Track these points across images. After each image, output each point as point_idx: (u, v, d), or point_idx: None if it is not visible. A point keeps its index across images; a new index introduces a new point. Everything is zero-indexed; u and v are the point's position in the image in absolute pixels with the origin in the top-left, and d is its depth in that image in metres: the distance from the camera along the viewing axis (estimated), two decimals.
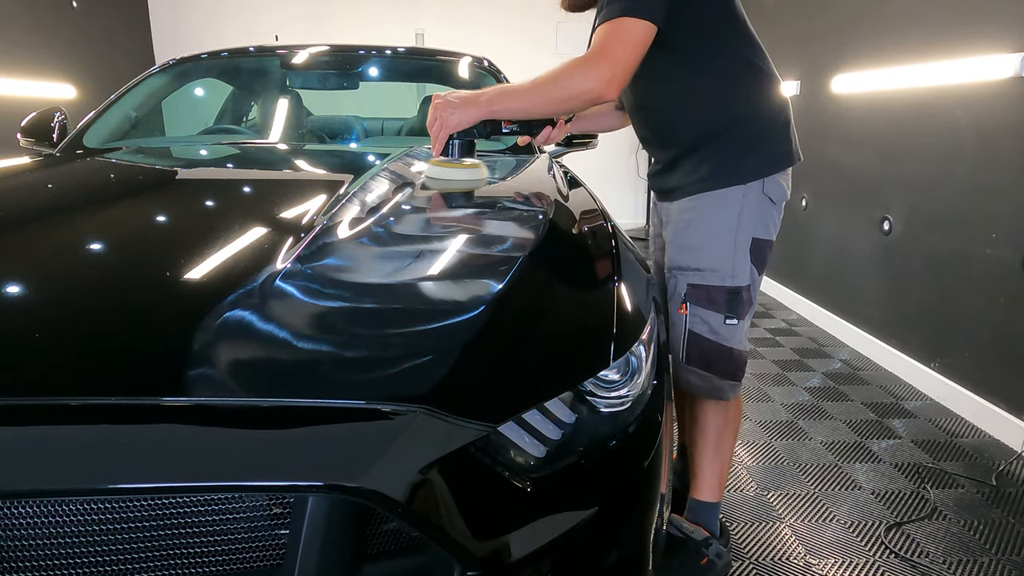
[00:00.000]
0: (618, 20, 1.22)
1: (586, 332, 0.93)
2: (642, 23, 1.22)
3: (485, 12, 5.71)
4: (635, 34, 1.22)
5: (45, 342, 0.78)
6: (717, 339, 1.43)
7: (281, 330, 0.82)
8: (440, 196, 1.39)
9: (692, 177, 1.41)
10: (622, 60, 1.22)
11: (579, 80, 1.23)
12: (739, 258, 1.40)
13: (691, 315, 1.43)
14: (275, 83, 2.41)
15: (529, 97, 1.30)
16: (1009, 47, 2.21)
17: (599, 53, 1.22)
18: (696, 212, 1.41)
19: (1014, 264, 2.18)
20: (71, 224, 1.15)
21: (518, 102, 1.32)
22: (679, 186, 1.44)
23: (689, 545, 1.53)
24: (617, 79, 1.22)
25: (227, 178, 1.58)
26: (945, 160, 2.54)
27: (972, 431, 2.30)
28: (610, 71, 1.21)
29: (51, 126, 2.09)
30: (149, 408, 0.71)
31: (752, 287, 1.43)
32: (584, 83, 1.22)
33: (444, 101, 1.33)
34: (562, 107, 1.34)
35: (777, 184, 1.41)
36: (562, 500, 0.82)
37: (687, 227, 1.43)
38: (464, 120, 1.32)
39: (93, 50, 4.68)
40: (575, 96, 1.26)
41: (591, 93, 1.23)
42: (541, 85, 1.28)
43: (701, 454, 1.56)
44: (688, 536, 1.54)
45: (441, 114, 1.32)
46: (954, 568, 1.59)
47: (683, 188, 1.44)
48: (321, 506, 0.70)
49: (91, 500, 0.68)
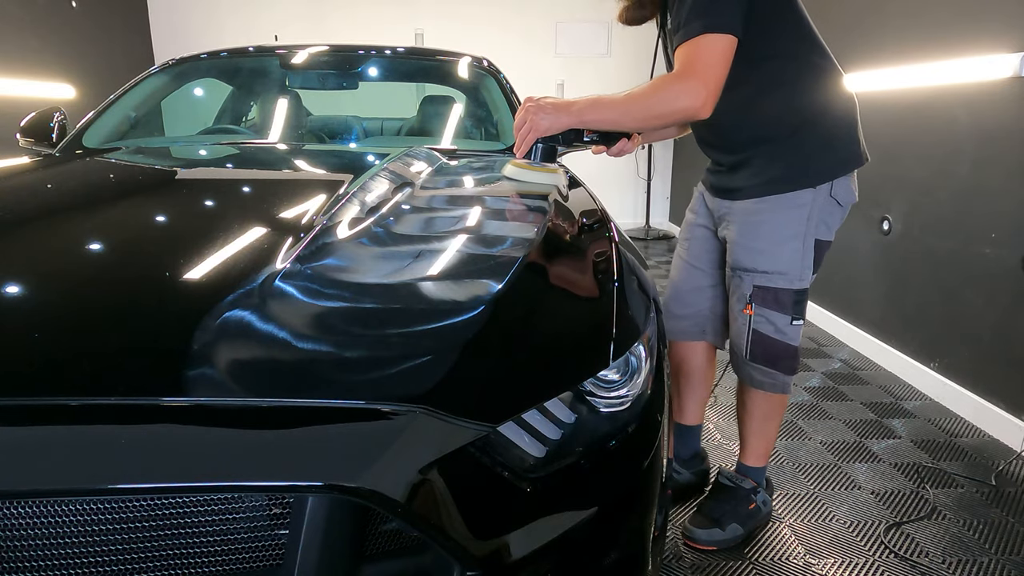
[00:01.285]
0: (704, 37, 1.23)
1: (586, 332, 0.93)
2: (725, 38, 1.23)
3: (485, 12, 5.71)
4: (720, 50, 1.23)
5: (44, 342, 0.78)
6: (784, 339, 1.48)
7: (280, 330, 0.82)
8: (440, 197, 1.39)
9: (760, 179, 1.42)
10: (714, 78, 1.23)
11: (675, 98, 1.25)
12: (807, 261, 1.44)
13: (756, 315, 1.47)
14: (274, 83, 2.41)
15: (623, 110, 1.30)
16: (1008, 47, 2.21)
17: (690, 72, 1.23)
18: (765, 215, 1.43)
19: (1013, 264, 2.18)
20: (70, 224, 1.14)
21: (611, 114, 1.33)
22: (745, 187, 1.45)
23: (739, 492, 1.67)
24: (712, 97, 1.24)
25: (227, 178, 1.58)
26: (944, 160, 2.54)
27: (971, 431, 2.30)
28: (704, 90, 1.22)
29: (50, 126, 2.09)
30: (148, 408, 0.71)
31: None
32: (680, 101, 1.24)
33: (537, 105, 1.34)
34: (653, 122, 1.35)
35: (846, 186, 1.42)
36: (562, 500, 0.82)
37: (755, 229, 1.45)
38: (555, 126, 1.34)
39: (92, 50, 4.68)
40: (670, 113, 1.28)
41: (687, 111, 1.25)
42: (637, 100, 1.28)
43: (747, 431, 1.65)
44: (738, 484, 1.67)
45: (532, 117, 1.33)
46: (954, 568, 1.59)
47: (749, 189, 1.45)
48: (320, 506, 0.70)
49: (90, 500, 0.68)
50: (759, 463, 1.68)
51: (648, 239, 5.93)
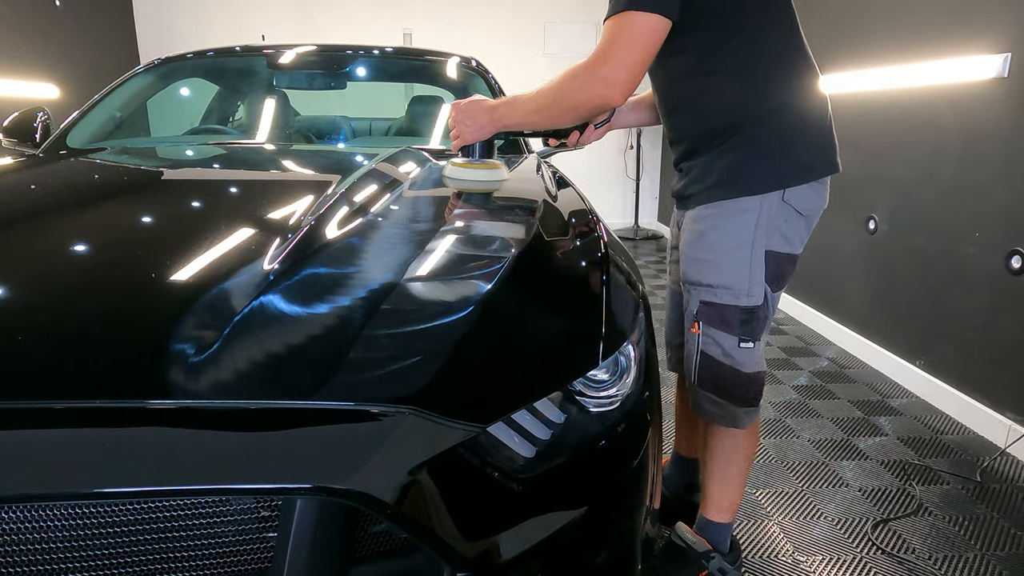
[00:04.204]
0: (625, 15, 1.09)
1: (575, 332, 0.93)
2: (653, 17, 1.08)
3: (473, 12, 5.70)
4: (644, 31, 1.09)
5: (29, 345, 0.77)
6: (731, 363, 1.30)
7: (268, 331, 0.82)
8: (428, 197, 1.39)
9: (704, 183, 1.28)
10: (627, 62, 1.09)
11: (581, 89, 1.14)
12: (755, 274, 1.26)
13: (703, 335, 1.31)
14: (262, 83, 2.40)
15: (535, 111, 1.24)
16: (992, 48, 2.24)
17: (602, 57, 1.11)
18: (709, 222, 1.28)
19: (997, 263, 2.21)
20: (54, 226, 1.13)
21: (527, 115, 1.27)
22: (691, 193, 1.32)
23: (688, 555, 1.46)
24: (622, 83, 1.10)
25: (213, 179, 1.57)
26: (929, 160, 2.57)
27: (957, 428, 2.33)
28: (614, 75, 1.10)
29: (34, 126, 2.07)
30: (135, 411, 0.71)
31: (768, 304, 1.30)
32: (587, 92, 1.13)
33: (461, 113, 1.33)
34: (569, 118, 1.23)
35: (804, 193, 1.24)
36: (552, 500, 0.83)
37: (700, 238, 1.30)
38: (480, 135, 1.33)
39: (77, 49, 4.63)
40: (579, 106, 1.17)
41: (594, 101, 1.14)
42: (547, 95, 1.20)
43: (710, 475, 1.45)
44: (689, 546, 1.46)
45: (459, 128, 1.33)
46: (940, 564, 1.61)
47: (695, 195, 1.31)
48: (309, 508, 0.70)
49: (76, 504, 0.67)
50: (722, 517, 1.45)
51: (637, 239, 5.94)
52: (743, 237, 1.25)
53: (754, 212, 1.23)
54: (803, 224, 1.27)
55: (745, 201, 1.23)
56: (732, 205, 1.24)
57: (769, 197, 1.23)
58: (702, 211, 1.29)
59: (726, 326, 1.28)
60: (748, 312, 1.27)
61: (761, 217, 1.23)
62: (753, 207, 1.23)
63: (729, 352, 1.30)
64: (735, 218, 1.25)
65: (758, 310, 1.28)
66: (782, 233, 1.25)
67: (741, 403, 1.33)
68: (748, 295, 1.27)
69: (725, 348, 1.30)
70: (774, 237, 1.25)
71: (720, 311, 1.28)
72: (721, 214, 1.26)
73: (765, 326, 1.32)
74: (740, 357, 1.30)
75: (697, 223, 1.30)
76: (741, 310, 1.27)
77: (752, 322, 1.28)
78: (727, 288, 1.27)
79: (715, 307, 1.29)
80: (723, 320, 1.28)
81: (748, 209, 1.23)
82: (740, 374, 1.30)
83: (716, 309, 1.29)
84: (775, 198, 1.23)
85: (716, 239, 1.27)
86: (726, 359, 1.30)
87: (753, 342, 1.29)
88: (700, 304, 1.30)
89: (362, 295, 0.92)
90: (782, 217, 1.24)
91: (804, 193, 1.24)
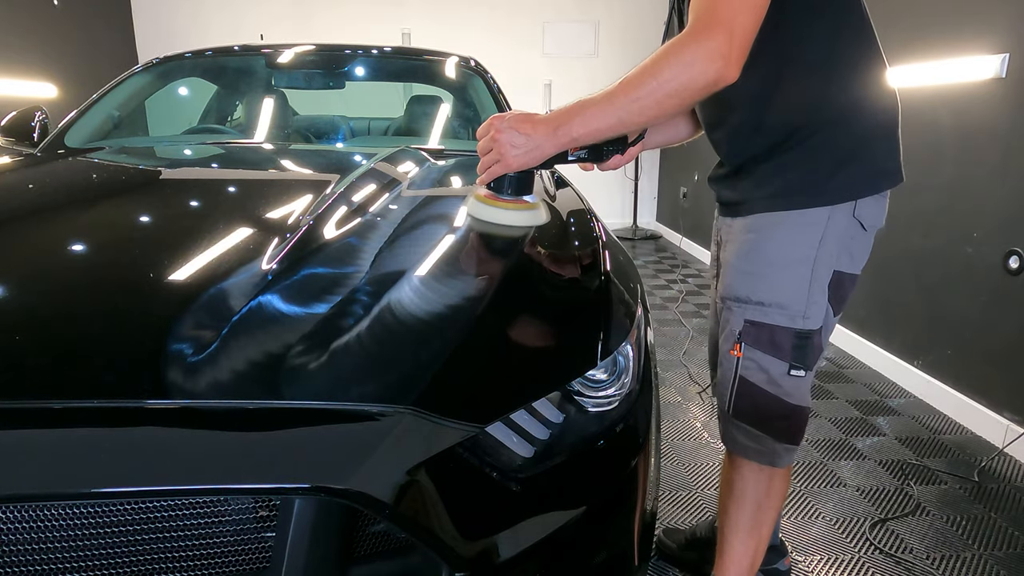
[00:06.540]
0: None
1: (573, 332, 0.93)
2: None
3: (471, 12, 5.70)
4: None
5: (27, 345, 0.77)
6: (777, 392, 1.13)
7: (266, 331, 0.82)
8: (427, 197, 1.39)
9: (765, 190, 1.10)
10: (741, 27, 0.89)
11: (688, 64, 0.90)
12: (815, 295, 1.09)
13: (746, 359, 1.14)
14: (260, 82, 2.39)
15: (624, 106, 0.95)
16: (990, 49, 2.24)
17: (707, 24, 0.89)
18: (765, 233, 1.11)
19: (995, 262, 2.21)
20: (52, 225, 1.13)
21: (608, 118, 0.96)
22: (747, 199, 1.14)
23: None
24: (737, 50, 0.90)
25: (212, 178, 1.56)
26: (927, 160, 2.57)
27: (954, 428, 2.33)
28: (727, 41, 0.88)
29: (32, 125, 2.06)
30: (133, 411, 0.71)
31: (825, 330, 1.13)
32: (695, 67, 0.90)
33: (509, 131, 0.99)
34: (669, 108, 0.95)
35: (873, 207, 1.09)
36: (550, 500, 0.83)
37: (752, 250, 1.12)
38: (530, 160, 1.00)
39: (75, 49, 4.62)
40: (686, 87, 0.91)
41: (706, 76, 0.90)
42: (637, 86, 0.93)
43: (733, 527, 1.25)
44: None
45: (502, 149, 1.00)
46: (937, 563, 1.61)
47: (752, 202, 1.13)
48: (308, 508, 0.70)
49: (75, 504, 0.67)
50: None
51: (635, 239, 5.95)
52: (805, 252, 1.09)
53: (820, 226, 1.07)
54: (867, 240, 1.12)
55: (813, 213, 1.07)
56: (797, 216, 1.08)
57: (839, 209, 1.07)
58: (758, 219, 1.12)
59: (776, 350, 1.12)
60: (803, 336, 1.11)
61: (828, 231, 1.07)
62: (820, 220, 1.07)
63: (776, 379, 1.13)
64: (798, 230, 1.08)
65: (814, 335, 1.12)
66: (848, 251, 1.10)
67: (783, 438, 1.16)
68: (804, 317, 1.10)
69: (772, 375, 1.13)
70: (843, 255, 1.10)
71: (770, 332, 1.12)
72: (781, 223, 1.09)
73: (820, 354, 1.15)
74: (788, 386, 1.13)
75: (750, 232, 1.13)
76: (795, 333, 1.11)
77: (806, 348, 1.12)
78: (781, 307, 1.11)
79: (764, 328, 1.12)
80: (772, 343, 1.12)
81: (815, 223, 1.07)
82: (785, 405, 1.14)
83: (765, 330, 1.12)
84: (846, 211, 1.07)
85: (773, 251, 1.10)
86: (771, 387, 1.14)
87: (805, 371, 1.13)
88: (745, 323, 1.13)
89: (360, 295, 0.92)
90: (849, 233, 1.09)
91: (873, 205, 1.09)
